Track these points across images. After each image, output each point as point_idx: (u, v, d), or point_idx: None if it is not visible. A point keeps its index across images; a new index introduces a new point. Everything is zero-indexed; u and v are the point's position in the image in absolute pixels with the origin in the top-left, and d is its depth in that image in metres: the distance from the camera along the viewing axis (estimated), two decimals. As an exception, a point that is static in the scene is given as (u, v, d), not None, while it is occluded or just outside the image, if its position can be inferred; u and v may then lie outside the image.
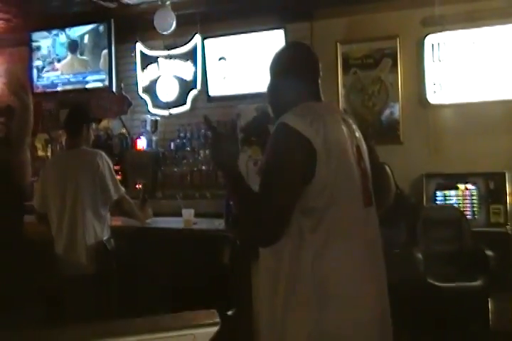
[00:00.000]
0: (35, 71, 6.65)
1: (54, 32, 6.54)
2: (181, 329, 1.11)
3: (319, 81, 2.12)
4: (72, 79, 6.50)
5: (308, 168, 1.83)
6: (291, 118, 1.89)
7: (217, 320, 1.14)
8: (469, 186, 4.96)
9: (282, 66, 2.14)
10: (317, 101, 2.10)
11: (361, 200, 1.97)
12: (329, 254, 1.86)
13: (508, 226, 4.69)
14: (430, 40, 5.20)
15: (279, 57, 2.18)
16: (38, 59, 6.66)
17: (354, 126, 2.09)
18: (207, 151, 5.81)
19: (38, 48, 6.64)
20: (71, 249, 3.78)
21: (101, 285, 3.74)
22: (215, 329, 1.12)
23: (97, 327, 1.11)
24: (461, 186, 4.98)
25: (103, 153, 3.86)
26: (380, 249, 2.04)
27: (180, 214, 4.57)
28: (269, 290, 1.94)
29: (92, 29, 6.35)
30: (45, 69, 6.62)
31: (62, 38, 6.56)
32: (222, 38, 5.89)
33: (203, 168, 5.83)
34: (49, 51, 6.64)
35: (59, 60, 6.60)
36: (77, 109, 4.31)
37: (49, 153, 6.37)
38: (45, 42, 6.65)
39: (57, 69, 6.58)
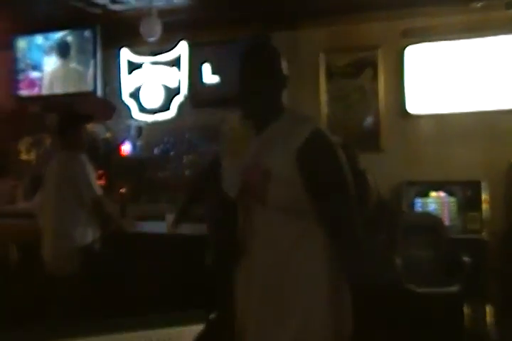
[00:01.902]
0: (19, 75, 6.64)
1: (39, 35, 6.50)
2: (165, 328, 1.13)
3: None
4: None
5: None
6: (322, 128, 2.05)
7: (202, 319, 1.17)
8: (441, 194, 5.04)
9: (276, 67, 2.08)
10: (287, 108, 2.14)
11: None
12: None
13: (483, 233, 4.77)
14: (410, 51, 5.28)
15: (270, 57, 2.10)
16: (22, 62, 6.61)
17: None
18: (190, 156, 5.86)
19: (22, 51, 6.59)
20: (52, 252, 3.85)
21: (81, 286, 3.77)
22: (199, 328, 1.15)
23: (78, 325, 1.13)
24: (434, 193, 5.07)
25: (81, 157, 3.92)
26: None
27: (163, 218, 4.60)
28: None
29: (78, 34, 6.34)
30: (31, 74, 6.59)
31: (40, 40, 6.52)
32: (208, 44, 5.94)
33: (187, 172, 5.85)
34: (23, 55, 6.60)
35: (34, 67, 6.57)
36: (68, 114, 4.52)
37: (33, 157, 6.35)
38: (21, 43, 6.60)
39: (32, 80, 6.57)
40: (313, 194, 1.95)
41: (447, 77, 5.14)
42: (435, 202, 5.04)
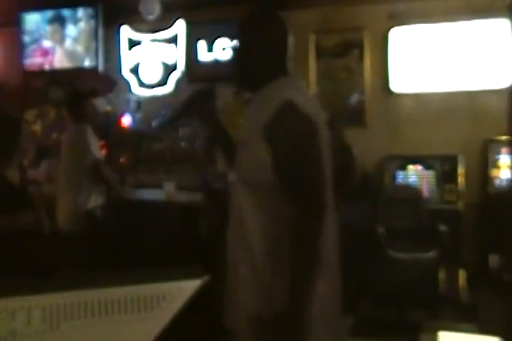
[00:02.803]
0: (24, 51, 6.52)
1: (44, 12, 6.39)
2: (163, 282, 1.10)
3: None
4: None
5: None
6: (295, 97, 1.77)
7: (201, 274, 1.13)
8: (420, 167, 5.05)
9: (264, 35, 1.89)
10: (287, 76, 1.90)
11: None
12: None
13: (459, 204, 4.80)
14: (394, 33, 5.23)
15: (257, 25, 1.92)
16: (26, 35, 6.49)
17: None
18: (186, 129, 5.83)
19: (27, 28, 6.48)
20: (60, 214, 3.92)
21: (86, 247, 3.80)
22: (198, 282, 1.12)
23: (85, 276, 1.10)
24: (413, 167, 5.06)
25: (84, 127, 3.98)
26: None
27: (161, 187, 4.59)
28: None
29: (81, 11, 6.23)
30: (32, 48, 6.48)
31: (44, 17, 6.41)
32: (203, 23, 5.85)
33: (182, 144, 5.82)
34: (29, 32, 6.48)
35: (38, 43, 6.43)
36: (75, 89, 4.88)
37: (38, 128, 6.29)
38: (32, 17, 6.48)
39: (46, 52, 6.45)
40: (277, 170, 1.76)
41: (429, 58, 5.12)
42: (415, 174, 5.05)
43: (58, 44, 6.38)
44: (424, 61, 5.13)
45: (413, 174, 5.06)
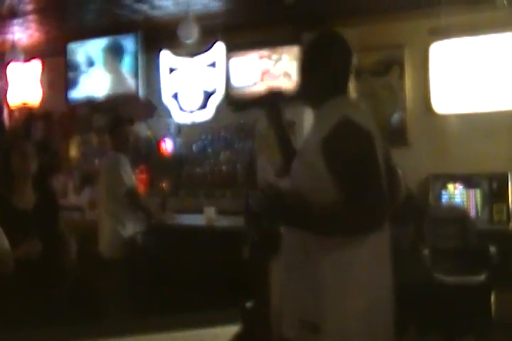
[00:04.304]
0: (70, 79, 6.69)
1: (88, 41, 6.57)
2: (198, 328, 1.07)
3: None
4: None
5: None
6: (352, 113, 1.88)
7: (237, 319, 1.10)
8: (466, 186, 4.89)
9: (330, 56, 2.02)
10: (345, 94, 2.03)
11: None
12: (365, 241, 1.85)
13: (510, 224, 4.63)
14: (436, 49, 5.13)
15: (320, 45, 2.07)
16: (70, 63, 6.67)
17: None
18: (227, 153, 5.83)
19: (72, 57, 6.66)
20: (101, 242, 3.97)
21: (128, 273, 3.83)
22: (233, 329, 1.09)
23: (113, 325, 1.08)
24: (459, 186, 4.92)
25: (117, 155, 4.08)
26: None
27: (201, 211, 4.57)
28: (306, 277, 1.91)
29: (122, 39, 6.36)
30: (77, 76, 6.65)
31: (88, 46, 6.59)
32: (242, 46, 5.88)
33: (223, 168, 5.81)
34: (73, 60, 6.65)
35: (82, 72, 6.61)
36: (113, 117, 5.02)
37: (81, 155, 6.42)
38: (76, 46, 6.66)
39: (89, 80, 6.58)
40: (338, 183, 1.82)
41: (472, 74, 4.98)
42: (461, 194, 4.90)
43: (101, 71, 6.52)
44: (468, 77, 5.00)
45: (459, 193, 4.91)
